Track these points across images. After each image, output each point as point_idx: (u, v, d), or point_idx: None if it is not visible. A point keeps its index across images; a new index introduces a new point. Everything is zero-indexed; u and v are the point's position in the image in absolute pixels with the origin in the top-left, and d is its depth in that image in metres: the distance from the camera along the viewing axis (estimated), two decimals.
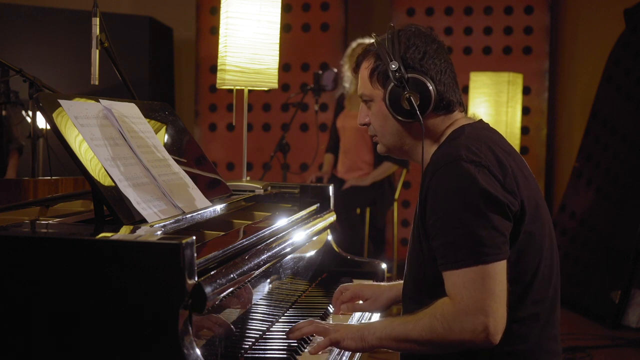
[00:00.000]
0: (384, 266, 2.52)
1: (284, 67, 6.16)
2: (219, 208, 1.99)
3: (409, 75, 1.72)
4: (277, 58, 2.67)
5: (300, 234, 2.11)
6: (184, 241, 1.33)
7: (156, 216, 1.67)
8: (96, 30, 2.30)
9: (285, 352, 1.74)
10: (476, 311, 1.57)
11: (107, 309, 1.35)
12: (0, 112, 4.44)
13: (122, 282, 1.35)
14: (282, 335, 1.82)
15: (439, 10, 6.21)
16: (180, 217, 1.75)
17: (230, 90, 2.80)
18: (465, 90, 5.31)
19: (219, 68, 2.65)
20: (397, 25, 1.80)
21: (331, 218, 2.50)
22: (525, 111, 5.81)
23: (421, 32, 1.78)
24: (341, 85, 5.09)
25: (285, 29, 6.11)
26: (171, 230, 1.68)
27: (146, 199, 1.69)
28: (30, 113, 3.89)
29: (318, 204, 2.48)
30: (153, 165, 1.81)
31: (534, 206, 1.68)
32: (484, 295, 1.57)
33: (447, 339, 1.60)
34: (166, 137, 2.07)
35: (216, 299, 1.48)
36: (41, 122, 3.56)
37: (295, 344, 1.78)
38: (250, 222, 2.04)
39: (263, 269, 1.76)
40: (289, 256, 2.04)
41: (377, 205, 5.02)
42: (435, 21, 6.21)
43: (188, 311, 1.36)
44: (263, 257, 1.76)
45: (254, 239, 1.80)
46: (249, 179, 2.63)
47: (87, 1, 2.53)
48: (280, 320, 2.00)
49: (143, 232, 1.53)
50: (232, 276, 1.54)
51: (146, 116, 1.96)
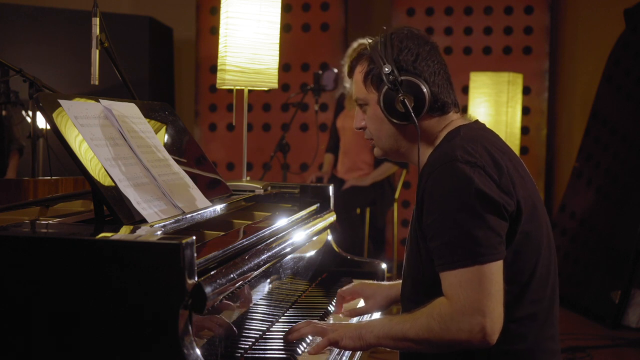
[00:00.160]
0: (384, 266, 2.52)
1: (284, 67, 6.16)
2: (219, 208, 2.00)
3: (402, 78, 1.73)
4: (277, 58, 2.67)
5: (300, 234, 2.11)
6: (184, 241, 1.33)
7: (156, 216, 1.67)
8: (96, 30, 2.30)
9: (285, 352, 1.74)
10: (473, 311, 1.57)
11: (107, 309, 1.35)
12: (0, 112, 4.43)
13: (122, 282, 1.35)
14: (282, 336, 1.82)
15: (439, 10, 6.21)
16: (180, 217, 1.75)
17: (230, 90, 2.80)
18: (465, 90, 5.31)
19: (219, 68, 2.65)
20: (390, 29, 1.80)
21: (331, 218, 2.50)
22: (525, 111, 5.81)
23: (414, 34, 1.78)
24: (341, 85, 5.09)
25: (285, 29, 6.11)
26: (171, 230, 1.68)
27: (146, 199, 1.69)
28: (30, 113, 3.89)
29: (318, 204, 2.48)
30: (153, 165, 1.81)
31: (530, 206, 1.68)
32: (481, 296, 1.57)
33: (444, 338, 1.60)
34: (166, 137, 2.07)
35: (216, 299, 1.48)
36: (41, 122, 3.56)
37: (294, 344, 1.78)
38: (250, 222, 2.04)
39: (263, 269, 1.76)
40: (289, 256, 2.04)
41: (377, 205, 5.02)
42: (435, 21, 6.21)
43: (188, 311, 1.36)
44: (263, 257, 1.76)
45: (254, 239, 1.80)
46: (249, 179, 2.63)
47: (87, 1, 2.53)
48: (280, 320, 2.00)
49: (143, 232, 1.53)
50: (232, 276, 1.54)
51: (146, 116, 1.96)
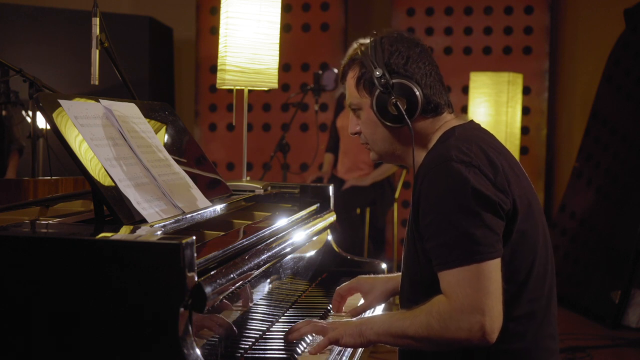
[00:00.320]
0: (384, 266, 2.52)
1: (284, 67, 6.16)
2: (219, 208, 1.99)
3: (394, 81, 1.74)
4: (277, 58, 2.67)
5: (300, 234, 2.11)
6: (184, 241, 1.33)
7: (156, 216, 1.67)
8: (96, 30, 2.30)
9: (286, 352, 1.74)
10: (472, 310, 1.57)
11: (107, 309, 1.35)
12: (1, 112, 4.43)
13: (122, 282, 1.35)
14: (282, 335, 1.82)
15: (439, 10, 6.21)
16: (180, 217, 1.75)
17: (230, 90, 2.80)
18: (465, 90, 5.31)
19: (219, 68, 2.65)
20: (380, 32, 1.82)
21: (331, 218, 2.50)
22: (525, 111, 5.81)
23: (404, 37, 1.79)
24: (341, 85, 5.08)
25: (285, 29, 6.11)
26: (171, 230, 1.68)
27: (146, 199, 1.69)
28: (30, 113, 3.89)
29: (318, 204, 2.48)
30: (153, 165, 1.81)
31: (526, 204, 1.68)
32: (480, 294, 1.57)
33: (444, 336, 1.60)
34: (166, 137, 2.07)
35: (216, 299, 1.48)
36: (41, 122, 3.56)
37: (295, 344, 1.78)
38: (250, 222, 2.04)
39: (263, 269, 1.76)
40: (289, 256, 2.04)
41: (377, 205, 5.02)
42: (435, 21, 6.21)
43: (188, 311, 1.36)
44: (263, 257, 1.76)
45: (254, 239, 1.80)
46: (249, 179, 2.63)
47: (87, 1, 2.53)
48: (281, 320, 2.00)
49: (143, 232, 1.53)
50: (232, 276, 1.54)
51: (146, 116, 1.96)
